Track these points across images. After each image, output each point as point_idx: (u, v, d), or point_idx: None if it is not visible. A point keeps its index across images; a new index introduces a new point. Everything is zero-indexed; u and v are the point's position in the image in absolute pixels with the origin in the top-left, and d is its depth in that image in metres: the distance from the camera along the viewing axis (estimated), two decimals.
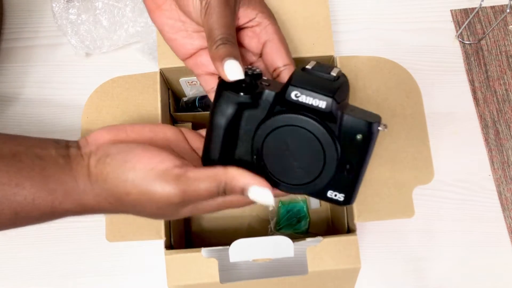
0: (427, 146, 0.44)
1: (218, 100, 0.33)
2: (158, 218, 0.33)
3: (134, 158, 0.31)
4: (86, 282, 0.54)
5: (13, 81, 0.61)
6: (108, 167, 0.31)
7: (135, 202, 0.31)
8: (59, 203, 0.31)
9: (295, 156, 0.32)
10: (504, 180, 0.58)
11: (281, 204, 0.55)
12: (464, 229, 0.56)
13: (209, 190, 0.30)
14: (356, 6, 0.65)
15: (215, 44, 0.33)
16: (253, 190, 0.30)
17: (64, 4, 0.59)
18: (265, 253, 0.40)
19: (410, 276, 0.55)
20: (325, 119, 0.30)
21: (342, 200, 0.33)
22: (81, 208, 0.32)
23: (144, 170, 0.30)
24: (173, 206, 0.31)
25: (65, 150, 0.32)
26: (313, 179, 0.32)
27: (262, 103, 0.32)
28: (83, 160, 0.32)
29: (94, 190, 0.31)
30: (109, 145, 0.33)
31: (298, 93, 0.30)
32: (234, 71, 0.32)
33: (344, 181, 0.32)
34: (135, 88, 0.45)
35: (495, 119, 0.60)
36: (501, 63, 0.62)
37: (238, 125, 0.33)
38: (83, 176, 0.31)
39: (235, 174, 0.31)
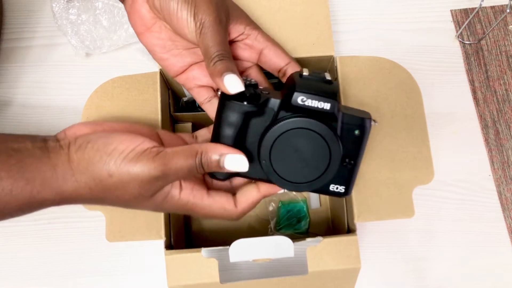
0: (427, 146, 0.44)
1: (224, 110, 0.34)
2: (138, 203, 0.33)
3: (115, 141, 0.32)
4: (86, 282, 0.54)
5: (13, 81, 0.61)
6: (90, 151, 0.32)
7: (117, 183, 0.31)
8: (37, 192, 0.31)
9: (303, 156, 0.34)
10: (504, 180, 0.58)
11: (281, 204, 0.55)
12: (464, 229, 0.56)
13: (188, 162, 0.32)
14: (356, 6, 0.65)
15: (212, 61, 0.34)
16: (228, 158, 0.33)
17: (64, 4, 0.59)
18: (265, 253, 0.40)
19: (410, 276, 0.55)
20: (328, 119, 0.33)
21: (343, 191, 0.36)
22: (59, 197, 0.32)
23: (127, 151, 0.31)
24: (154, 183, 0.32)
25: (42, 143, 0.32)
26: (319, 176, 0.35)
27: (268, 111, 0.34)
28: (62, 149, 0.32)
29: (74, 176, 0.31)
30: (88, 135, 0.33)
31: (304, 98, 0.33)
32: (234, 84, 0.33)
33: (343, 174, 0.36)
34: (135, 88, 0.45)
35: (495, 119, 0.60)
36: (501, 63, 0.62)
37: (245, 133, 0.35)
38: (62, 164, 0.31)
39: (210, 146, 0.33)
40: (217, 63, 0.34)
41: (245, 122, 0.34)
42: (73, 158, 0.32)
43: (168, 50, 0.39)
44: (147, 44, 0.39)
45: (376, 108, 0.44)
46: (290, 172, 0.35)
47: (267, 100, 0.34)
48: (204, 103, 0.41)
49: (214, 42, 0.35)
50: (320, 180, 0.35)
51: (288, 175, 0.35)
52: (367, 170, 0.43)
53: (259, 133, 0.34)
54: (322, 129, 0.33)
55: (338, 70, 0.45)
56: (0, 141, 0.32)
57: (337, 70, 0.45)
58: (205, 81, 0.41)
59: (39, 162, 0.31)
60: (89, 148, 0.32)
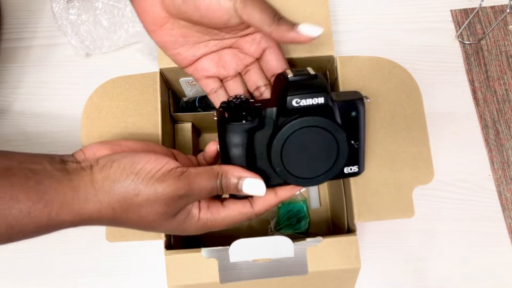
0: (427, 146, 0.44)
1: (227, 135, 0.35)
2: (161, 223, 0.33)
3: (142, 160, 0.32)
4: (86, 282, 0.54)
5: (13, 81, 0.61)
6: (116, 170, 0.32)
7: (142, 202, 0.31)
8: (56, 214, 0.31)
9: (312, 152, 0.35)
10: (504, 180, 0.58)
11: (281, 204, 0.55)
12: (464, 229, 0.56)
13: (210, 183, 0.33)
14: (356, 6, 0.65)
15: (273, 24, 0.35)
16: (246, 182, 0.34)
17: (64, 5, 0.59)
18: (265, 253, 0.40)
19: (410, 276, 0.55)
20: (325, 111, 0.34)
21: (357, 170, 0.38)
22: (79, 218, 0.32)
23: (154, 170, 0.32)
24: (179, 202, 0.32)
25: (61, 164, 0.32)
26: (333, 165, 0.36)
27: (267, 121, 0.35)
28: (84, 171, 0.32)
29: (97, 196, 0.31)
30: (110, 155, 0.33)
31: (298, 99, 0.34)
32: (312, 28, 0.34)
33: (353, 155, 0.37)
34: (135, 88, 0.45)
35: (495, 119, 0.60)
36: (501, 63, 0.62)
37: (252, 148, 0.36)
38: (85, 185, 0.31)
39: (229, 168, 0.34)
40: (280, 21, 0.35)
41: (250, 139, 0.35)
42: (97, 178, 0.31)
43: (180, 45, 0.39)
44: (158, 41, 0.39)
45: (376, 108, 0.44)
46: (305, 170, 0.36)
47: (263, 111, 0.35)
48: (211, 94, 0.42)
49: (262, 8, 0.35)
50: (335, 168, 0.36)
51: (304, 173, 0.36)
52: (367, 170, 0.43)
53: (265, 144, 0.36)
54: (323, 122, 0.34)
55: (338, 70, 0.45)
56: (18, 161, 0.31)
57: (337, 70, 0.45)
58: (212, 72, 0.41)
59: (59, 184, 0.31)
60: (115, 167, 0.32)
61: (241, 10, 0.34)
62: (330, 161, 0.36)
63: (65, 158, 0.33)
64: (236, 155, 0.36)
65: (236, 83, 0.42)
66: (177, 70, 0.46)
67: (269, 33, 0.35)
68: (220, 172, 0.34)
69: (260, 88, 0.41)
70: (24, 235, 0.31)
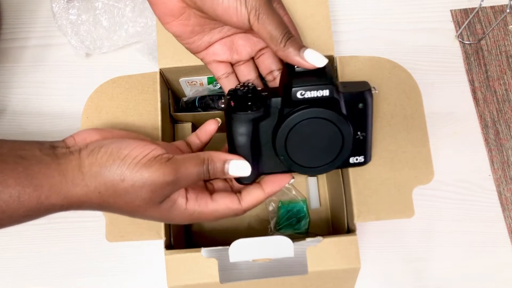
0: (427, 146, 0.44)
1: (233, 123, 0.36)
2: (147, 210, 0.34)
3: (129, 146, 0.33)
4: (86, 282, 0.54)
5: (13, 81, 0.61)
6: (103, 155, 0.32)
7: (128, 188, 0.32)
8: (45, 197, 0.31)
9: (317, 143, 0.36)
10: (504, 180, 0.58)
11: (281, 204, 0.55)
12: (464, 229, 0.56)
13: (197, 169, 0.33)
14: (356, 6, 0.65)
15: (282, 43, 0.35)
16: (232, 164, 0.35)
17: (64, 5, 0.59)
18: (265, 253, 0.40)
19: (410, 276, 0.55)
20: (330, 103, 0.35)
21: (363, 161, 0.38)
22: (67, 202, 0.32)
23: (140, 156, 0.32)
24: (166, 188, 0.32)
25: (50, 150, 0.33)
26: (337, 155, 0.37)
27: (272, 111, 0.36)
28: (73, 155, 0.32)
29: (85, 180, 0.32)
30: (99, 141, 0.34)
31: (303, 91, 0.34)
32: (317, 57, 0.34)
33: (359, 145, 0.37)
34: (135, 88, 0.45)
35: (495, 119, 0.60)
36: (501, 63, 0.62)
37: (258, 136, 0.36)
38: (72, 169, 0.32)
39: (214, 154, 0.35)
40: (287, 43, 0.35)
41: (255, 128, 0.36)
42: (85, 163, 0.32)
43: (196, 34, 0.39)
44: (175, 32, 0.39)
45: (376, 108, 0.44)
46: (310, 159, 0.36)
47: (269, 101, 0.36)
48: (222, 78, 0.42)
49: (274, 25, 0.35)
50: (339, 158, 0.37)
51: (309, 163, 0.36)
52: (367, 170, 0.43)
53: (270, 132, 0.36)
54: (328, 114, 0.35)
55: (338, 70, 0.45)
56: (8, 148, 0.32)
57: (337, 70, 0.45)
58: (224, 57, 0.41)
59: (48, 168, 0.31)
60: (102, 153, 0.32)
61: (253, 22, 0.35)
62: (334, 152, 0.36)
63: (55, 144, 0.34)
64: (242, 143, 0.36)
65: (248, 67, 0.42)
66: (177, 70, 0.46)
67: (275, 51, 0.35)
68: (206, 157, 0.34)
69: (274, 72, 0.41)
70: (15, 220, 0.32)
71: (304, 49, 0.35)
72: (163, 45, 0.45)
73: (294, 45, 0.35)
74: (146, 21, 0.59)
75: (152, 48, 0.60)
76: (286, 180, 0.38)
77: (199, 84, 0.51)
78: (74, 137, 0.35)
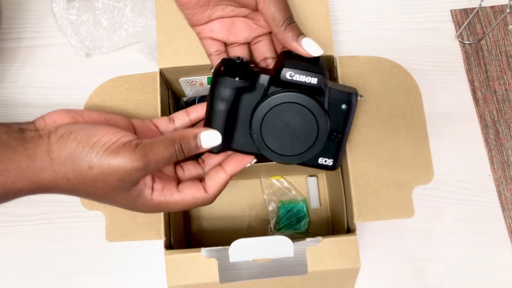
0: (427, 146, 0.44)
1: (216, 86, 0.36)
2: (114, 196, 0.33)
3: (99, 133, 0.32)
4: (86, 282, 0.54)
5: (13, 81, 0.61)
6: (73, 142, 0.32)
7: (97, 176, 0.31)
8: (12, 182, 0.31)
9: (292, 130, 0.36)
10: (504, 180, 0.58)
11: (281, 204, 0.55)
12: (464, 229, 0.56)
13: (167, 151, 0.33)
14: (356, 6, 0.65)
15: (283, 25, 0.35)
16: (203, 135, 0.35)
17: (64, 5, 0.59)
18: (265, 253, 0.40)
19: (410, 276, 0.55)
20: (315, 93, 0.35)
21: (331, 165, 0.38)
22: (35, 186, 0.32)
23: (109, 143, 0.32)
24: (134, 175, 0.32)
25: (18, 133, 0.32)
26: (308, 148, 0.36)
27: (258, 86, 0.36)
28: (42, 139, 0.32)
29: (54, 166, 0.31)
30: (70, 125, 0.33)
31: (292, 73, 0.35)
32: (313, 46, 0.35)
33: (331, 147, 0.37)
34: (135, 88, 0.45)
35: (495, 119, 0.60)
36: (501, 63, 0.62)
37: (237, 109, 0.36)
38: (41, 154, 0.31)
39: (185, 132, 0.35)
40: (288, 27, 0.35)
41: (237, 98, 0.36)
42: (53, 148, 0.31)
43: (200, 6, 0.39)
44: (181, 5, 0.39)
45: (376, 108, 0.44)
46: (281, 146, 0.36)
47: (257, 76, 0.36)
48: (213, 55, 0.42)
49: (279, 7, 0.36)
50: (309, 152, 0.36)
51: (278, 148, 0.36)
52: (367, 170, 0.43)
53: (250, 108, 0.36)
54: (310, 103, 0.35)
55: (338, 70, 0.45)
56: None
57: (337, 70, 0.45)
58: (221, 36, 0.41)
59: (14, 152, 0.31)
60: (72, 139, 0.32)
61: (259, 2, 0.36)
62: (306, 145, 0.36)
63: (23, 127, 0.33)
64: (219, 109, 0.36)
65: (242, 50, 0.42)
66: (177, 70, 0.46)
67: (275, 33, 0.36)
68: (177, 137, 0.34)
69: (268, 59, 0.41)
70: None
71: (303, 36, 0.35)
72: (163, 45, 0.45)
73: (293, 31, 0.35)
74: (146, 21, 0.59)
75: (152, 48, 0.60)
76: (247, 160, 0.38)
77: (199, 84, 0.51)
78: (45, 119, 0.34)
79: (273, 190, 0.56)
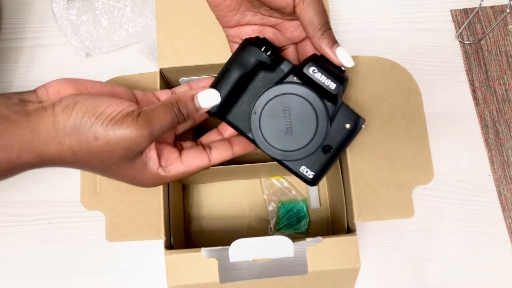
0: (427, 146, 0.44)
1: (241, 52, 0.36)
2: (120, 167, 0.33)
3: (103, 103, 0.32)
4: (86, 282, 0.54)
5: (13, 81, 0.61)
6: (78, 112, 0.31)
7: (103, 147, 0.31)
8: (16, 157, 0.30)
9: (290, 124, 0.35)
10: (504, 180, 0.58)
11: (281, 204, 0.55)
12: (464, 229, 0.56)
13: (168, 115, 0.33)
14: (356, 6, 0.65)
15: (320, 31, 0.35)
16: (200, 95, 0.35)
17: (64, 5, 0.59)
18: (265, 253, 0.40)
19: (410, 276, 0.55)
20: (328, 99, 0.35)
21: (311, 177, 0.36)
22: (40, 160, 0.31)
23: (114, 113, 0.32)
24: (140, 143, 0.32)
25: (19, 106, 0.32)
26: (296, 149, 0.36)
27: (278, 70, 0.36)
28: (46, 111, 0.31)
29: (59, 137, 0.31)
30: (75, 95, 0.33)
31: (316, 70, 0.35)
32: (347, 57, 0.35)
33: (319, 160, 0.36)
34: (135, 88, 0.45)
35: (495, 119, 0.60)
36: (501, 63, 0.62)
37: (248, 83, 0.36)
38: (45, 126, 0.31)
39: (181, 95, 0.35)
40: (325, 33, 0.35)
41: (254, 71, 0.36)
42: (59, 119, 0.31)
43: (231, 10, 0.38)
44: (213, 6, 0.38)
45: (376, 108, 0.44)
46: (273, 134, 0.36)
47: (282, 60, 0.36)
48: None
49: (317, 11, 0.35)
50: (295, 153, 0.36)
51: (269, 136, 0.36)
52: (367, 170, 0.43)
53: (261, 87, 0.36)
54: (318, 106, 0.35)
55: None
56: None
57: None
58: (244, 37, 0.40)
59: (16, 127, 0.30)
60: (77, 109, 0.31)
61: (298, 3, 0.35)
62: (296, 143, 0.36)
63: (25, 98, 0.32)
64: (232, 74, 0.36)
65: None
66: (177, 70, 0.46)
67: (311, 37, 0.35)
68: (173, 100, 0.34)
69: None
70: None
71: (338, 45, 0.35)
72: (163, 45, 0.45)
73: (329, 38, 0.35)
74: (146, 21, 0.59)
75: (152, 48, 0.60)
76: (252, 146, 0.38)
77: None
78: (47, 89, 0.34)
79: (273, 190, 0.56)
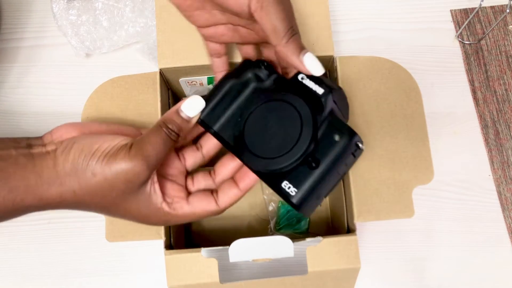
0: (427, 146, 0.44)
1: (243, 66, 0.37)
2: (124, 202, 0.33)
3: (99, 140, 0.32)
4: (86, 282, 0.54)
5: (13, 81, 0.61)
6: (75, 152, 0.32)
7: (101, 183, 0.31)
8: (21, 200, 0.31)
9: (275, 130, 0.33)
10: (504, 180, 0.58)
11: (281, 204, 0.55)
12: (464, 229, 0.56)
13: (158, 136, 0.33)
14: (356, 6, 0.65)
15: (284, 38, 0.32)
16: (183, 106, 0.35)
17: (64, 5, 0.59)
18: (265, 253, 0.40)
19: (410, 276, 0.55)
20: (316, 104, 0.33)
21: (293, 195, 0.31)
22: (44, 203, 0.32)
23: (109, 148, 0.32)
24: (138, 175, 0.31)
25: (26, 149, 0.32)
26: (278, 156, 0.32)
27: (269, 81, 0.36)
28: (48, 154, 0.32)
29: (59, 179, 0.31)
30: (74, 137, 0.33)
31: (304, 77, 0.34)
32: (316, 64, 0.33)
33: (303, 176, 0.32)
34: (135, 88, 0.45)
35: (495, 119, 0.60)
36: (501, 63, 0.62)
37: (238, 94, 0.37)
38: (47, 169, 0.31)
39: (167, 113, 0.34)
40: (289, 40, 0.32)
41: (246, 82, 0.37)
42: (59, 161, 0.31)
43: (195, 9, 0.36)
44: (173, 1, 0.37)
45: (376, 108, 0.44)
46: (256, 143, 0.33)
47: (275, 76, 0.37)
48: (215, 57, 0.40)
49: (280, 16, 0.31)
50: (276, 162, 0.32)
51: (253, 147, 0.33)
52: (367, 170, 0.43)
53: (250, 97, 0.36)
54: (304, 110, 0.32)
55: (338, 70, 0.45)
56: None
57: (337, 70, 0.45)
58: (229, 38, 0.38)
59: (23, 170, 0.31)
60: (74, 149, 0.32)
61: (255, 9, 0.31)
62: (277, 151, 0.32)
63: (32, 142, 0.33)
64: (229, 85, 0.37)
65: (251, 48, 0.40)
66: (177, 70, 0.46)
67: (274, 45, 0.32)
68: (161, 121, 0.34)
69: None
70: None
71: (305, 51, 0.32)
72: (163, 45, 0.45)
73: (295, 44, 0.32)
74: (146, 21, 0.59)
75: (152, 48, 0.60)
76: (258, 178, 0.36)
77: (199, 84, 0.51)
78: (52, 134, 0.34)
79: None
